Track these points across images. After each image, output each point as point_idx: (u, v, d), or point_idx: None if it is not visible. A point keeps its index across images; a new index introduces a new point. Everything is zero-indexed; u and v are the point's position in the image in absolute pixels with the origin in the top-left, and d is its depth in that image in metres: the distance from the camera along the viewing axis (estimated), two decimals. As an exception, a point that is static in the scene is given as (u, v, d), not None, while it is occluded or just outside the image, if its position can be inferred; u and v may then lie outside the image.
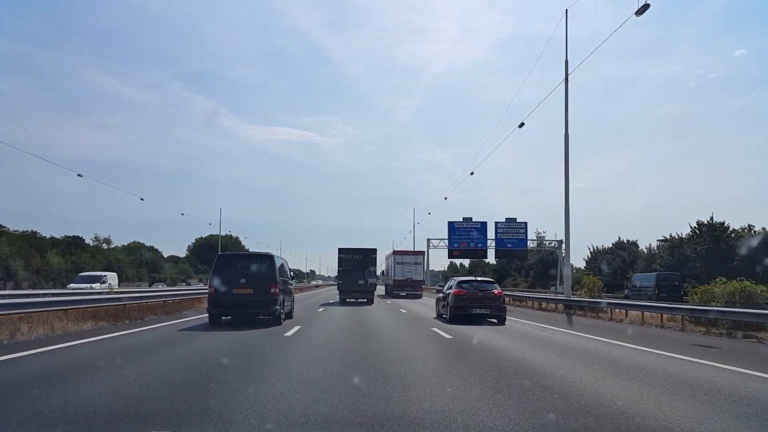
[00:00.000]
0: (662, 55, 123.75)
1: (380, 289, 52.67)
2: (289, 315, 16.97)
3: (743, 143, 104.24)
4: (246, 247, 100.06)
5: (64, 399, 5.48)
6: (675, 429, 4.76)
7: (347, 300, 31.17)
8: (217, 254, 15.49)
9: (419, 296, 41.58)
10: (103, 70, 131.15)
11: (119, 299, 17.58)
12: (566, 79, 24.34)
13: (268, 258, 15.39)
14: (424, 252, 48.20)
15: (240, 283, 14.53)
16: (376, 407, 5.32)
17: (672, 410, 5.45)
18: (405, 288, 42.33)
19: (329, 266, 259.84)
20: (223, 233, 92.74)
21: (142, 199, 60.37)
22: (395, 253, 45.02)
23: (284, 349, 9.99)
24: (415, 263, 43.31)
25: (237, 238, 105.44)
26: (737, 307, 15.11)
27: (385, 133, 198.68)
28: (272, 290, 14.65)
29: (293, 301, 18.31)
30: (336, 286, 35.11)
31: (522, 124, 27.02)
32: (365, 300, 30.60)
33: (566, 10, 24.09)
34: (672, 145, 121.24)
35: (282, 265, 16.71)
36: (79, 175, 37.98)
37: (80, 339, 10.84)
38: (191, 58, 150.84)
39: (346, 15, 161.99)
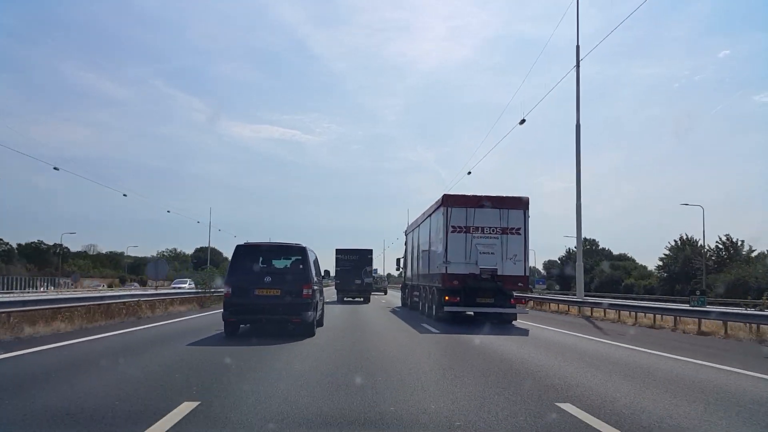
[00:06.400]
0: (648, 57, 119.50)
1: (394, 296, 39.97)
2: (319, 322, 13.81)
3: (729, 144, 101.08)
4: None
5: None
6: None
7: (345, 299, 31.20)
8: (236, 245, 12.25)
9: (510, 320, 16.64)
10: (85, 66, 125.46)
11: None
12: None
13: (300, 251, 12.10)
14: (526, 201, 16.83)
15: (264, 282, 11.37)
16: None
17: None
18: (477, 299, 16.22)
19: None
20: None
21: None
22: (447, 202, 16.68)
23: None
24: (503, 231, 16.30)
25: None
26: None
27: (372, 132, 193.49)
28: (305, 291, 11.49)
29: (324, 304, 15.10)
30: (334, 286, 35.03)
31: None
32: (362, 299, 30.96)
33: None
34: (658, 146, 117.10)
35: (315, 259, 13.52)
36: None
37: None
38: (174, 54, 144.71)
39: (332, 12, 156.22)
